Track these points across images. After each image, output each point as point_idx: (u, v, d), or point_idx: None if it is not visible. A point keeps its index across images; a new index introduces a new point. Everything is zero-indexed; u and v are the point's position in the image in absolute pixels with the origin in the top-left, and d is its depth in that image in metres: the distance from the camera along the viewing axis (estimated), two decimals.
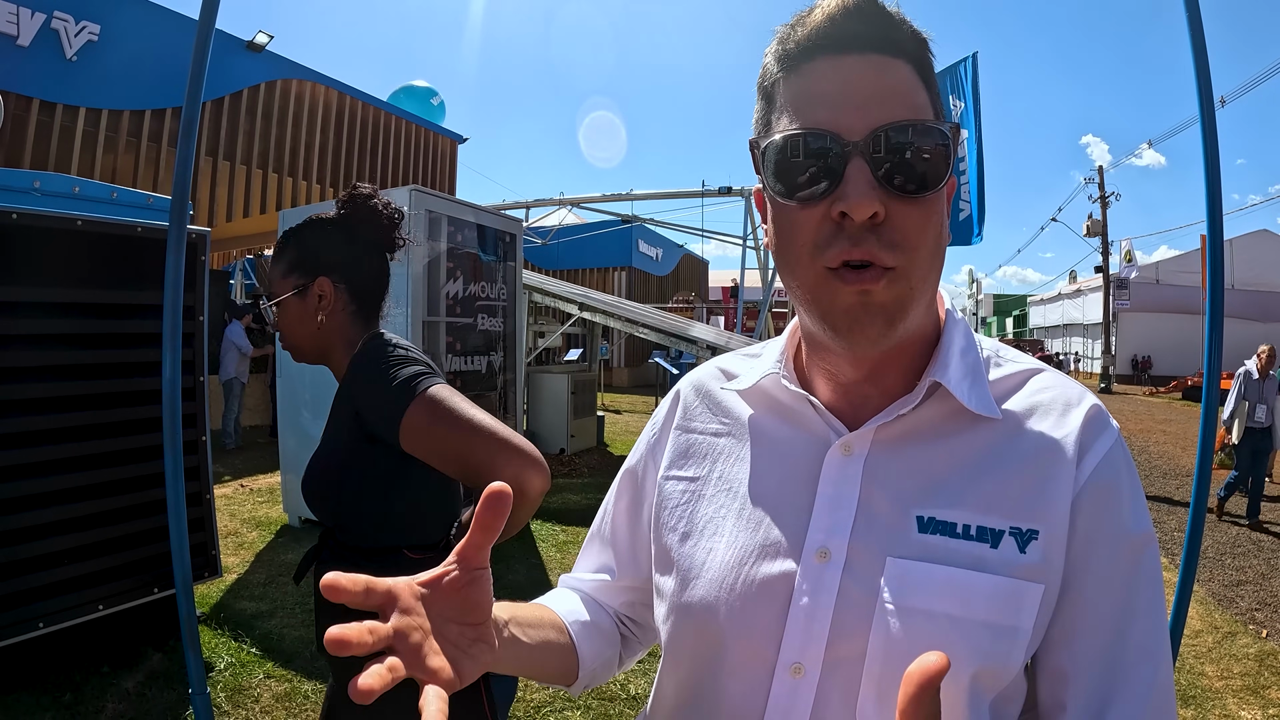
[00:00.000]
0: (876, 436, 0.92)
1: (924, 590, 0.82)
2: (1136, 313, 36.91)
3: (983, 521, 0.84)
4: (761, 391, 1.05)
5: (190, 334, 4.54)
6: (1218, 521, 9.29)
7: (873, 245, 0.80)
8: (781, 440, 1.00)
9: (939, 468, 0.89)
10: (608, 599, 1.23)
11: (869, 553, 0.86)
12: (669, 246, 35.63)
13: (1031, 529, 0.83)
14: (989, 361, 0.96)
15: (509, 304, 8.40)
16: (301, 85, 15.87)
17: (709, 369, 1.18)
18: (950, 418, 0.91)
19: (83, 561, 4.09)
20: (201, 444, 4.69)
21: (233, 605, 5.57)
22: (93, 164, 11.84)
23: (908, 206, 0.80)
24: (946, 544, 0.84)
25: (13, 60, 10.72)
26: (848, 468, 0.91)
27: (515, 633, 0.96)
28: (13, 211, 3.80)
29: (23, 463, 3.88)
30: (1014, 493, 0.85)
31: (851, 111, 0.80)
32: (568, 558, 7.01)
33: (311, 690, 4.30)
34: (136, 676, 4.28)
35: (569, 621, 1.13)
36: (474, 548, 0.76)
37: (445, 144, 20.59)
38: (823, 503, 0.91)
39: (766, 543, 0.93)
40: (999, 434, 0.89)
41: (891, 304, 0.82)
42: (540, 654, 1.03)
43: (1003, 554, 0.83)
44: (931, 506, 0.86)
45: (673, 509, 1.05)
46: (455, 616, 0.78)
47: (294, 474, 7.77)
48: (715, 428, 1.08)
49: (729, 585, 0.93)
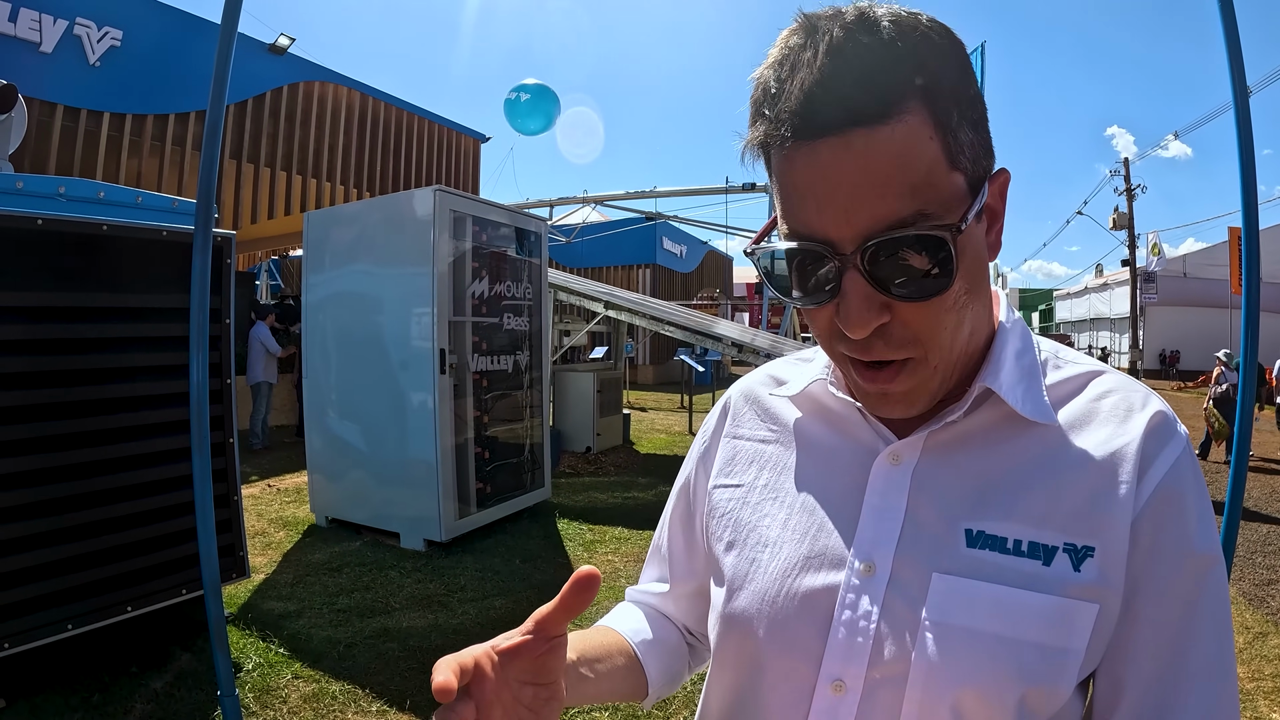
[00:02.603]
0: (926, 445, 0.88)
1: (971, 609, 0.78)
2: (1163, 306, 36.52)
3: (1035, 536, 0.79)
4: (810, 398, 1.02)
5: (217, 336, 4.55)
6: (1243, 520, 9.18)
7: (880, 350, 0.77)
8: (829, 448, 0.97)
9: (990, 478, 0.84)
10: (671, 609, 1.21)
11: (915, 567, 0.82)
12: (693, 243, 35.54)
13: (1087, 545, 0.78)
14: (1046, 364, 0.91)
15: (534, 303, 8.39)
16: (324, 87, 15.97)
17: (759, 375, 1.15)
18: (1002, 424, 0.86)
19: (112, 563, 4.11)
20: (229, 445, 4.70)
21: (260, 605, 5.58)
22: (118, 169, 11.95)
23: (915, 306, 0.75)
24: (996, 560, 0.80)
25: (36, 67, 10.84)
26: (895, 477, 0.88)
27: (583, 672, 0.98)
28: (38, 217, 3.82)
29: (53, 466, 3.91)
30: (1069, 505, 0.80)
31: (839, 216, 0.72)
32: (594, 557, 7.00)
33: (339, 691, 4.30)
34: (165, 677, 4.29)
35: (635, 643, 1.12)
36: (554, 623, 0.80)
37: (468, 143, 20.65)
38: (869, 514, 0.87)
39: (811, 554, 0.90)
40: (1054, 441, 0.84)
41: (914, 390, 0.81)
42: (608, 684, 1.04)
43: (1056, 571, 0.78)
44: (981, 519, 0.82)
45: (720, 518, 1.03)
46: (530, 679, 0.81)
47: (320, 474, 7.85)
48: (763, 435, 1.06)
49: (771, 597, 0.90)
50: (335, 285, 7.60)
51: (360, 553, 6.89)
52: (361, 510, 7.53)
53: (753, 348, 11.41)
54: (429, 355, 6.76)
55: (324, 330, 7.71)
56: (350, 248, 7.48)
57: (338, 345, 7.62)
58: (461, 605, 5.65)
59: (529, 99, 18.28)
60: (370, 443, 7.37)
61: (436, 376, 6.74)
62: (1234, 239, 23.19)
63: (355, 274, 7.45)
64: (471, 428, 7.36)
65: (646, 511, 8.64)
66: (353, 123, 16.80)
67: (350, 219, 7.67)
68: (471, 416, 7.37)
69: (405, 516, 7.11)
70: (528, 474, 8.37)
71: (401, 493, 7.08)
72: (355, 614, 5.45)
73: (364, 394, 7.38)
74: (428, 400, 6.82)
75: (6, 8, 10.47)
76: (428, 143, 19.20)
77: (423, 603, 5.69)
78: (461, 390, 7.20)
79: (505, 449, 7.97)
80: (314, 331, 7.83)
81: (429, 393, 6.80)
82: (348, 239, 7.52)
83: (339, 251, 7.58)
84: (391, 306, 7.11)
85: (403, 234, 7.01)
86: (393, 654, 4.79)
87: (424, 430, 6.87)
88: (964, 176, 0.74)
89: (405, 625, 5.25)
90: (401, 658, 4.74)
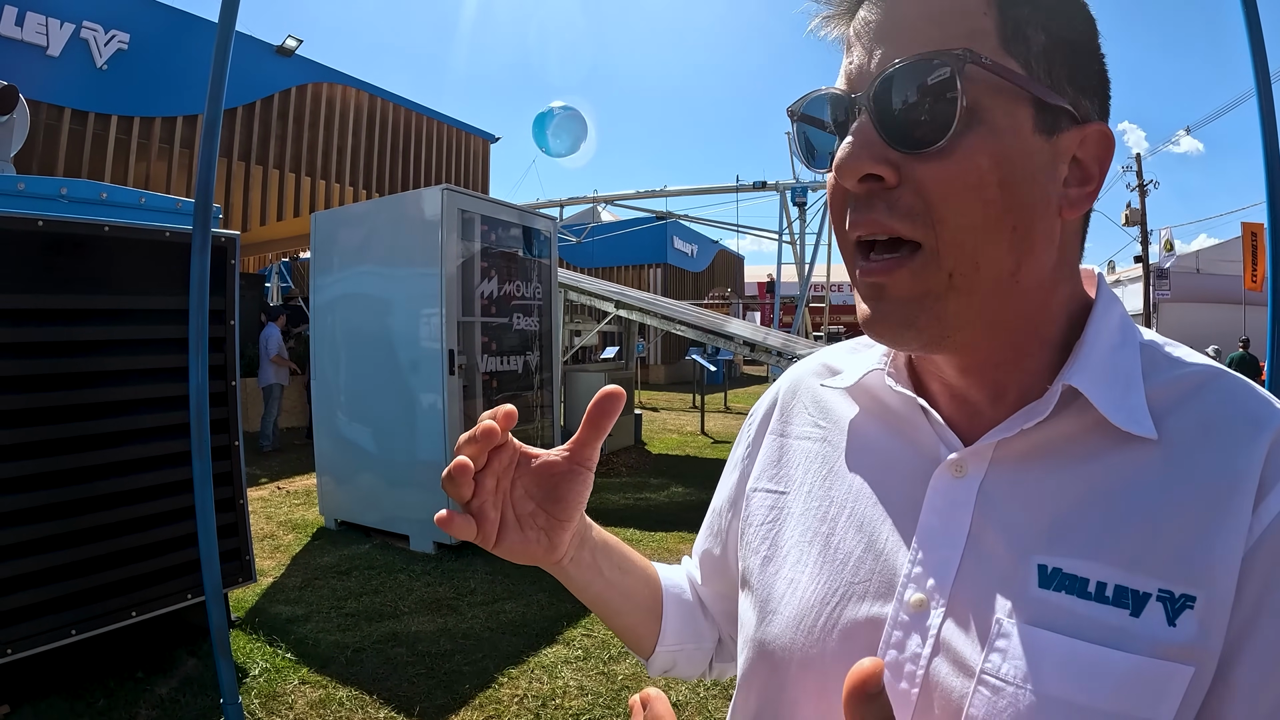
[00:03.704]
0: (995, 455, 0.73)
1: (1039, 665, 0.64)
2: (1177, 303, 36.35)
3: (1123, 580, 0.64)
4: (866, 391, 0.88)
5: (221, 338, 4.51)
6: None
7: (881, 213, 0.67)
8: (883, 452, 0.83)
9: (1072, 502, 0.68)
10: (710, 603, 1.12)
11: (975, 607, 0.69)
12: (704, 242, 35.56)
13: (1187, 594, 0.62)
14: (1150, 361, 0.74)
15: (544, 303, 8.34)
16: (332, 89, 15.99)
17: (812, 363, 1.02)
18: (1090, 435, 0.70)
19: (116, 568, 4.07)
20: (234, 449, 4.66)
21: (268, 609, 5.54)
22: (125, 172, 11.97)
23: (929, 165, 0.65)
24: (1074, 606, 0.65)
25: (43, 70, 10.87)
26: (957, 493, 0.74)
27: (600, 563, 0.95)
28: (39, 219, 3.78)
29: (57, 470, 3.87)
30: (1169, 542, 0.64)
31: (864, 63, 0.67)
32: None
33: (347, 697, 4.25)
34: (170, 682, 4.25)
35: (668, 589, 1.06)
36: (583, 444, 0.82)
37: (477, 143, 20.66)
38: (925, 536, 0.74)
39: (855, 580, 0.78)
40: (1155, 460, 0.67)
41: (913, 300, 0.68)
42: (619, 599, 0.99)
43: (1146, 625, 0.62)
44: (1058, 553, 0.67)
45: (757, 527, 0.92)
46: (539, 497, 0.82)
47: (329, 476, 7.81)
48: (811, 432, 0.93)
49: (807, 627, 0.79)
50: (343, 286, 7.57)
51: (369, 556, 6.85)
52: (370, 513, 7.49)
53: (765, 347, 11.35)
54: (438, 356, 6.71)
55: (332, 331, 7.68)
56: (358, 248, 7.44)
57: (346, 346, 7.59)
58: (471, 609, 5.59)
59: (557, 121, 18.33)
60: (379, 445, 7.33)
61: (446, 377, 6.69)
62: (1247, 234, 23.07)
63: (363, 275, 7.41)
64: None
65: (658, 513, 8.58)
66: (361, 124, 16.81)
67: (358, 219, 7.63)
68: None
69: (414, 519, 7.06)
70: None
71: (411, 495, 7.03)
72: (364, 618, 5.40)
73: (373, 396, 7.34)
74: (437, 401, 6.76)
75: (13, 11, 10.49)
76: (437, 143, 19.20)
77: (432, 606, 5.63)
78: (471, 391, 7.14)
79: None
80: (322, 333, 7.79)
81: (438, 394, 6.75)
82: (356, 239, 7.48)
83: (347, 252, 7.55)
84: (400, 307, 7.06)
85: (411, 234, 6.97)
86: (401, 659, 4.74)
87: (433, 432, 6.81)
88: (1023, 70, 0.66)
89: (414, 629, 5.20)
90: (410, 663, 4.68)
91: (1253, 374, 16.09)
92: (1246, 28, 2.49)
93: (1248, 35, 2.49)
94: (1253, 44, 2.49)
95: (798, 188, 24.23)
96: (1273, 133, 2.49)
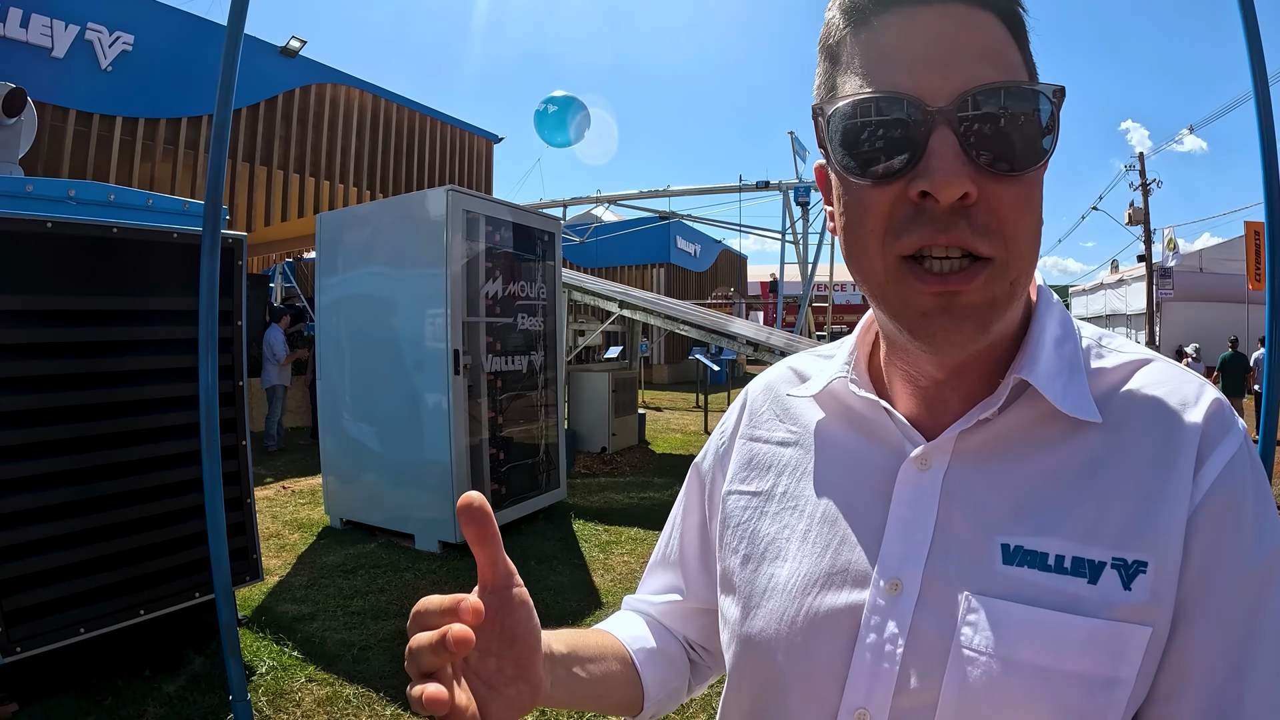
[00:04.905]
0: (957, 447, 0.79)
1: (1007, 634, 0.70)
2: (1180, 302, 36.27)
3: (1079, 551, 0.71)
4: (832, 396, 0.93)
5: (228, 339, 4.53)
6: None
7: (964, 231, 0.68)
8: (852, 452, 0.89)
9: (1029, 484, 0.75)
10: (676, 623, 1.15)
11: (945, 586, 0.75)
12: (707, 242, 35.51)
13: (1139, 560, 0.69)
14: (1089, 352, 0.82)
15: (548, 303, 8.36)
16: (336, 89, 16.01)
17: (780, 370, 1.07)
18: (1041, 423, 0.77)
19: (124, 567, 4.10)
20: (241, 448, 4.68)
21: (274, 608, 5.56)
22: (130, 172, 11.99)
23: (1004, 186, 0.68)
24: (1035, 579, 0.71)
25: (48, 72, 10.88)
26: (924, 484, 0.79)
27: (575, 670, 0.91)
28: (48, 220, 3.80)
29: (66, 469, 3.89)
30: (1118, 514, 0.71)
31: (934, 72, 0.68)
32: (610, 557, 6.97)
33: (354, 694, 4.28)
34: (178, 680, 4.28)
35: (634, 650, 1.06)
36: (490, 565, 0.74)
37: (481, 144, 20.67)
38: (895, 525, 0.80)
39: (833, 570, 0.82)
40: (1101, 441, 0.75)
41: (985, 305, 0.71)
42: (601, 688, 0.97)
43: (1103, 591, 0.69)
44: (1019, 532, 0.73)
45: (734, 528, 0.96)
46: (494, 650, 0.74)
47: (335, 476, 7.84)
48: (782, 436, 0.98)
49: (790, 618, 0.83)
50: (349, 287, 7.58)
51: (375, 555, 6.87)
52: (376, 512, 7.51)
53: (768, 346, 11.35)
54: (443, 356, 6.72)
55: (337, 332, 7.69)
56: (363, 249, 7.46)
57: (351, 347, 7.60)
58: None
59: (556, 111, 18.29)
60: (384, 444, 7.34)
61: (450, 377, 6.71)
62: (1250, 233, 23.00)
63: (368, 275, 7.42)
64: (486, 429, 7.32)
65: (662, 512, 8.50)
66: (365, 124, 16.83)
67: (363, 220, 7.64)
68: (486, 417, 7.33)
69: (420, 518, 7.09)
70: (543, 475, 8.33)
71: (416, 494, 7.05)
72: (370, 616, 5.43)
73: (378, 396, 7.35)
74: (442, 401, 6.78)
75: (18, 14, 10.52)
76: (440, 144, 19.21)
77: None
78: (476, 391, 7.16)
79: (520, 450, 7.93)
80: (327, 333, 7.81)
81: (443, 394, 6.77)
82: (361, 240, 7.49)
83: (352, 253, 7.56)
84: (405, 307, 7.08)
85: (416, 234, 6.99)
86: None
87: (438, 431, 6.83)
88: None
89: None
90: None
91: (1242, 372, 16.25)
92: (1245, 28, 2.51)
93: (1245, 36, 2.51)
94: (1251, 44, 2.50)
95: (800, 187, 24.19)
96: (1271, 133, 2.50)
